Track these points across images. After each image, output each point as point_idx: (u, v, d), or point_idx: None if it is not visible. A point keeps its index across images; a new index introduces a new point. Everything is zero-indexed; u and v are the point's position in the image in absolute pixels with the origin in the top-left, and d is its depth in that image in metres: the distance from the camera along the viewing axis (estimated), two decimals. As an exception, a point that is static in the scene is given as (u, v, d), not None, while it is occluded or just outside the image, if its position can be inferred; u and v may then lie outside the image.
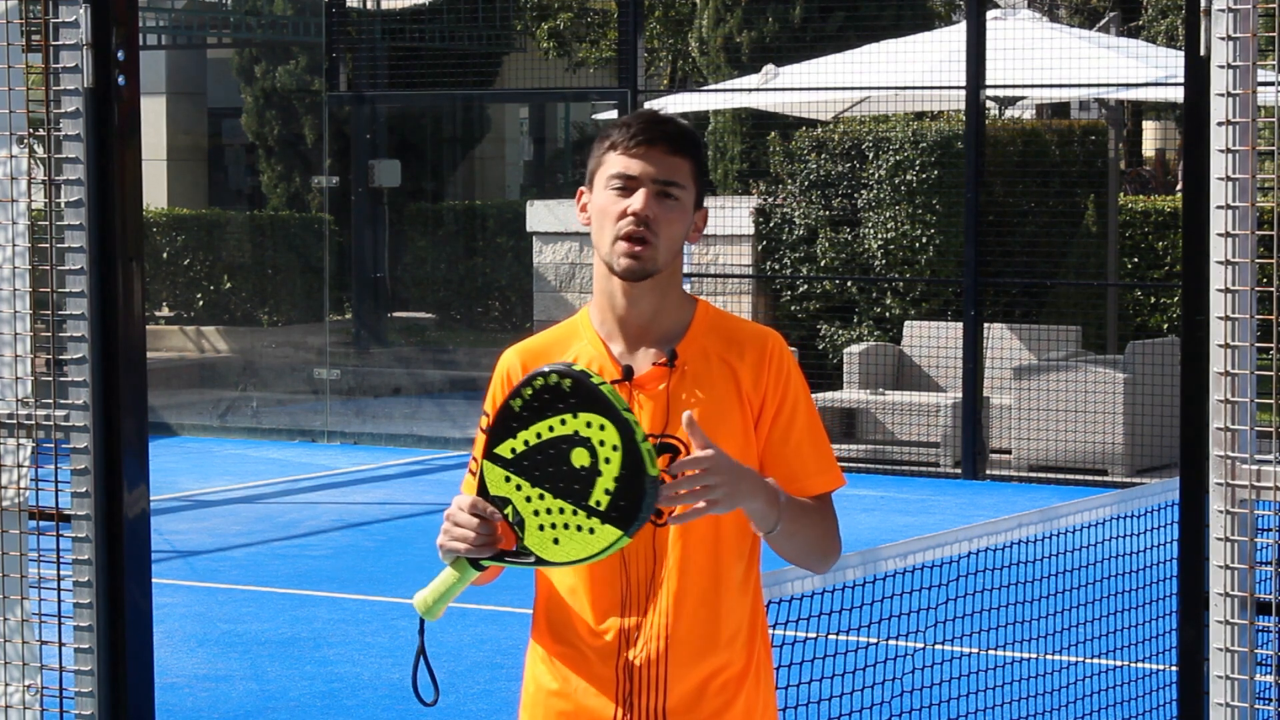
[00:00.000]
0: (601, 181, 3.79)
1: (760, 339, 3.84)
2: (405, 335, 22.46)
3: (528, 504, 3.57)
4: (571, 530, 3.53)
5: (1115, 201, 17.99)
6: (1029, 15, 19.39)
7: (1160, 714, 7.48)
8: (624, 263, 3.75)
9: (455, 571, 3.64)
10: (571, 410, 3.52)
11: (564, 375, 3.53)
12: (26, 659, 4.38)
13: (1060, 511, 6.68)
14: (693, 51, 23.36)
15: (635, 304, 3.80)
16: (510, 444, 3.57)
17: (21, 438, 4.33)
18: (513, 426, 3.57)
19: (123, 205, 4.17)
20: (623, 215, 3.74)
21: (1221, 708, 3.69)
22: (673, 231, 3.77)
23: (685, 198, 3.78)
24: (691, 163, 3.79)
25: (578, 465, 3.51)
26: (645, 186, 3.75)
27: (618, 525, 3.50)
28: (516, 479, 3.57)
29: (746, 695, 3.81)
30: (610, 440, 3.49)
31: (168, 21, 22.54)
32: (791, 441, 3.81)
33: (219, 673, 9.49)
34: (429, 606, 3.67)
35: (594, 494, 3.51)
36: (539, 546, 3.57)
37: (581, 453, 3.51)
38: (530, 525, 3.57)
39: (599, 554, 3.53)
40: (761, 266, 17.98)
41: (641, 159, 3.75)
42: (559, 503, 3.54)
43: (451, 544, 3.62)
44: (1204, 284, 3.68)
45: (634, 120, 3.79)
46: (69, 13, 4.13)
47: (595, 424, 3.50)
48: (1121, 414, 15.56)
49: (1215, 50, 3.64)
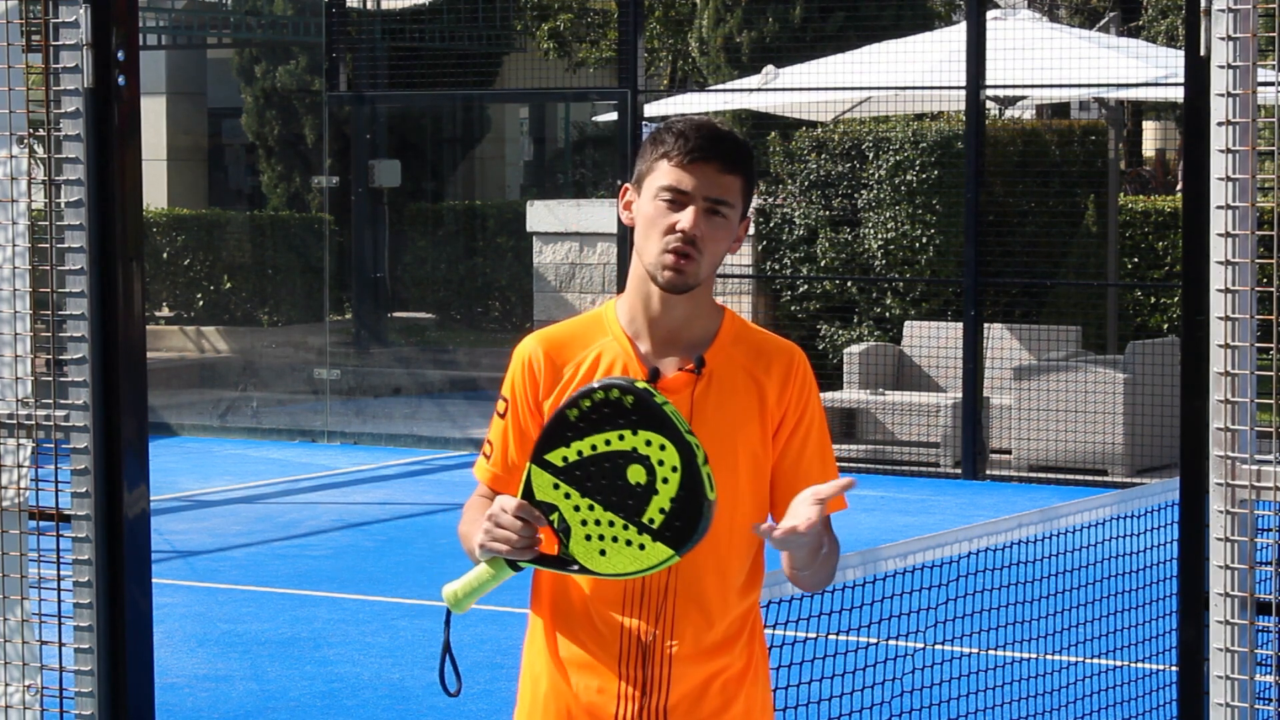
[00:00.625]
0: (651, 189, 3.78)
1: (787, 354, 3.87)
2: (405, 335, 22.46)
3: (575, 513, 3.56)
4: (620, 544, 3.53)
5: (1115, 201, 17.99)
6: (1029, 15, 19.39)
7: (1160, 714, 7.48)
8: (667, 275, 3.76)
9: (490, 570, 3.63)
10: (631, 427, 3.51)
11: (626, 391, 3.51)
12: (26, 659, 4.38)
13: (1060, 511, 6.68)
14: (693, 52, 23.35)
15: (669, 310, 3.81)
16: (563, 452, 3.55)
17: (21, 438, 4.32)
18: (567, 436, 3.55)
19: (123, 205, 4.18)
20: (670, 230, 3.75)
21: (1221, 708, 3.69)
22: (718, 249, 3.79)
23: (733, 215, 3.79)
24: (743, 180, 3.80)
25: (633, 481, 3.51)
26: (695, 205, 3.75)
27: (670, 544, 3.50)
28: (566, 487, 3.56)
29: (746, 695, 3.82)
30: (670, 461, 3.49)
31: (168, 21, 22.54)
32: (804, 462, 3.86)
33: (219, 673, 9.49)
34: (458, 600, 3.65)
35: (648, 511, 3.50)
36: (585, 556, 3.56)
37: (638, 469, 3.51)
38: (576, 534, 3.56)
39: (647, 570, 3.53)
40: (761, 266, 17.98)
41: (694, 175, 3.74)
42: (610, 515, 3.53)
43: (493, 544, 3.61)
44: (1204, 284, 3.68)
45: (691, 132, 3.76)
46: (69, 13, 4.13)
47: (655, 443, 3.50)
48: (1121, 414, 15.56)
49: (1215, 50, 3.64)
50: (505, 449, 3.85)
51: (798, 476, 3.83)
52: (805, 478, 3.83)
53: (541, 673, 3.85)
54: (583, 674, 3.80)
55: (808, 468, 3.85)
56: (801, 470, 3.84)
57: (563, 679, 3.81)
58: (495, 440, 3.88)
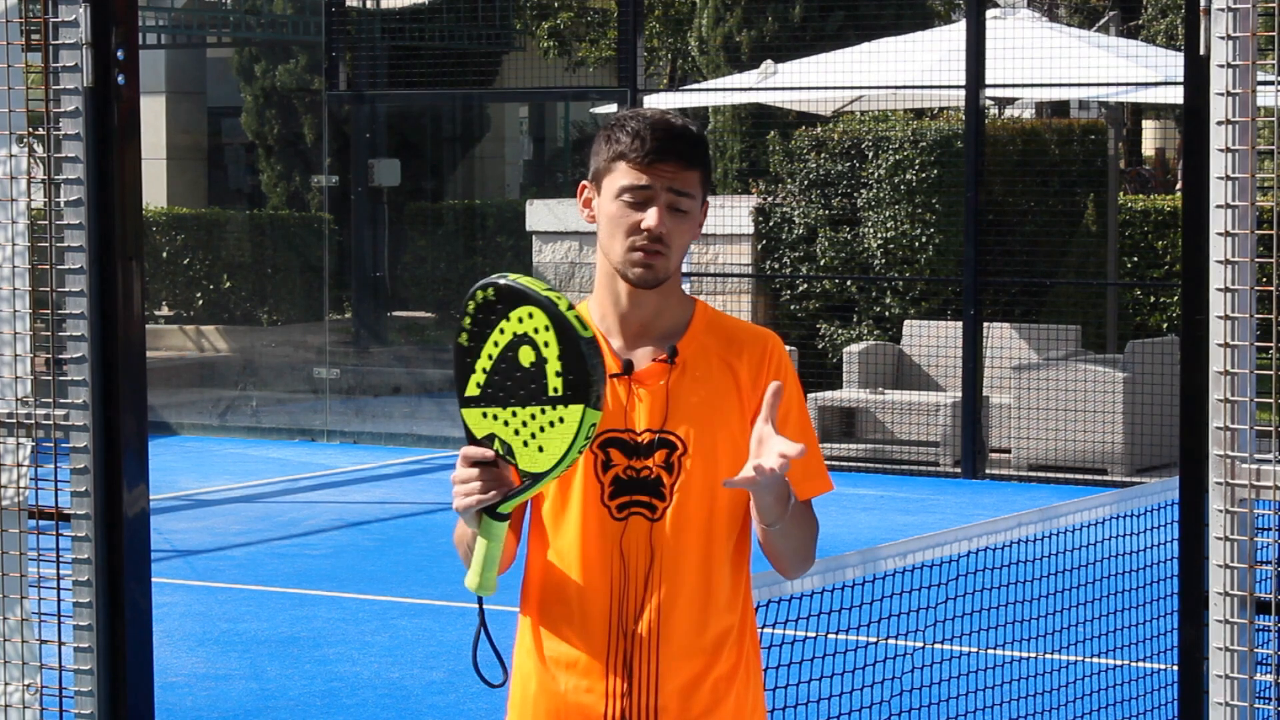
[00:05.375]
0: (611, 189, 3.78)
1: (760, 339, 3.86)
2: (405, 334, 22.46)
3: (506, 429, 3.55)
4: (548, 430, 3.52)
5: (1115, 201, 18.00)
6: (1028, 15, 19.38)
7: (1160, 714, 7.48)
8: (638, 272, 3.77)
9: (484, 537, 3.61)
10: (504, 315, 3.52)
11: (485, 286, 3.54)
12: (26, 658, 4.38)
13: (1060, 511, 6.68)
14: (692, 50, 23.36)
15: (639, 305, 3.81)
16: (474, 379, 3.57)
17: (21, 437, 4.33)
18: (467, 362, 3.57)
19: (122, 205, 4.18)
20: (635, 229, 3.75)
21: (1221, 707, 3.69)
22: (684, 241, 3.80)
23: (694, 206, 3.80)
24: (702, 172, 3.81)
25: (527, 364, 3.51)
26: (658, 203, 3.75)
27: (578, 400, 3.49)
28: (490, 410, 3.56)
29: (737, 693, 3.81)
30: (541, 322, 3.49)
31: (168, 21, 22.54)
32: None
33: (219, 672, 9.49)
34: (478, 581, 3.63)
35: (549, 383, 3.50)
36: (530, 463, 3.55)
37: (526, 350, 3.52)
38: (517, 448, 3.55)
39: (576, 439, 3.50)
40: (761, 266, 17.98)
41: (654, 174, 3.75)
42: (528, 410, 3.53)
43: (464, 501, 3.60)
44: (1204, 283, 3.68)
45: (646, 132, 3.76)
46: (69, 12, 4.13)
47: (524, 314, 3.50)
48: (1121, 413, 15.56)
49: (1215, 50, 3.64)
50: None
51: None
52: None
53: (530, 673, 3.85)
54: (570, 673, 3.79)
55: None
56: None
57: (551, 678, 3.81)
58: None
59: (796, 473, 3.81)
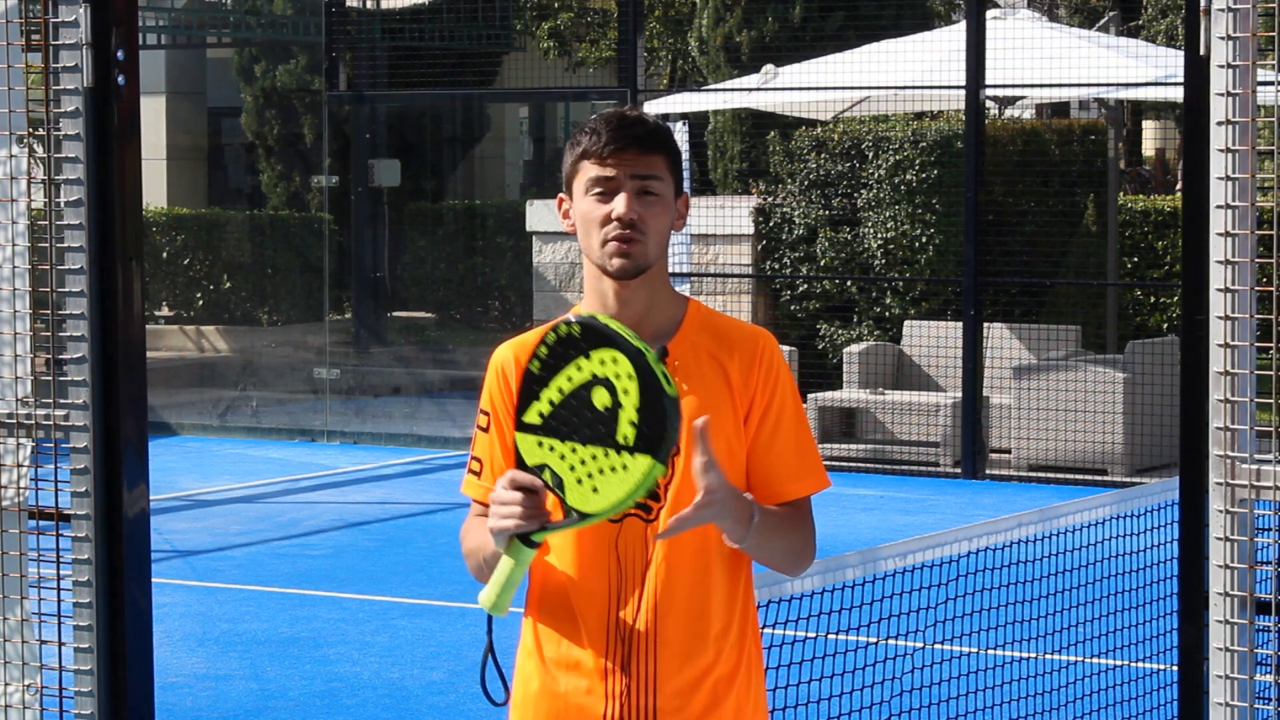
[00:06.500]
0: (581, 188, 3.82)
1: (752, 338, 3.86)
2: (405, 335, 22.46)
3: (562, 462, 3.54)
4: (607, 474, 3.50)
5: (1115, 201, 17.99)
6: (1029, 15, 19.38)
7: (1160, 714, 7.48)
8: (617, 263, 3.78)
9: (510, 558, 3.60)
10: (585, 353, 3.51)
11: (572, 324, 3.53)
12: (26, 659, 4.38)
13: (1060, 511, 6.68)
14: (692, 51, 23.36)
15: (628, 303, 3.81)
16: (536, 408, 3.56)
17: (21, 437, 4.33)
18: (535, 390, 3.56)
19: (122, 205, 4.18)
20: (607, 220, 3.77)
21: (1221, 707, 3.69)
22: (659, 225, 3.80)
23: (664, 190, 3.81)
24: (665, 156, 3.82)
25: (600, 406, 3.50)
26: (625, 189, 3.77)
27: (647, 453, 3.48)
28: (548, 440, 3.55)
29: (737, 694, 3.81)
30: (624, 370, 3.48)
31: (168, 21, 22.55)
32: (777, 443, 3.82)
33: (219, 672, 9.49)
34: (494, 601, 3.62)
35: (620, 429, 3.49)
36: (580, 501, 3.54)
37: (601, 392, 3.50)
38: (569, 483, 3.54)
39: (636, 489, 3.49)
40: (761, 266, 17.98)
41: (616, 164, 3.78)
42: (590, 449, 3.52)
43: (500, 523, 3.60)
44: (1204, 284, 3.68)
45: (602, 127, 3.80)
46: (69, 12, 4.13)
47: (609, 358, 3.49)
48: (1121, 414, 15.56)
49: (1215, 50, 3.64)
50: (493, 462, 3.85)
51: (771, 461, 3.81)
52: (779, 462, 3.81)
53: (532, 673, 3.85)
54: (571, 674, 3.80)
55: (782, 450, 3.81)
56: (775, 455, 3.81)
57: (552, 679, 3.81)
58: (482, 455, 3.87)
59: (787, 471, 3.81)
